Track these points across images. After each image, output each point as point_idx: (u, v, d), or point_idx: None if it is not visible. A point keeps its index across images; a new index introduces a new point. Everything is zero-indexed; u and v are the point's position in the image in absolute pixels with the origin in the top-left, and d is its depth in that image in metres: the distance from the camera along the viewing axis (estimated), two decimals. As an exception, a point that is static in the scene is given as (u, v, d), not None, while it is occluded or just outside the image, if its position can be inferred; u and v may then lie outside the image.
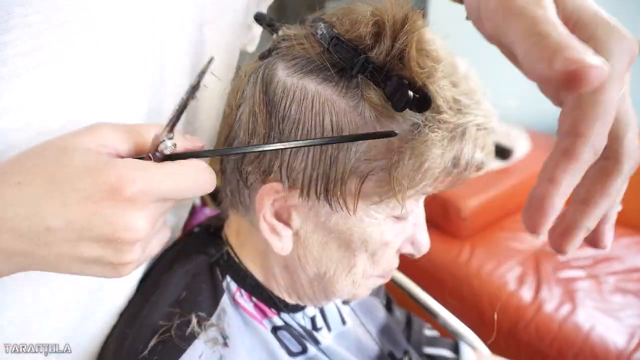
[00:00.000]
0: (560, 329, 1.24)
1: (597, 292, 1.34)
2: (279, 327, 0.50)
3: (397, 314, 0.80)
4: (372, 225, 0.42)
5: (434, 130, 0.36)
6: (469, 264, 1.46)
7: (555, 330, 1.24)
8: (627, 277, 1.41)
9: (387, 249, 0.45)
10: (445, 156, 0.37)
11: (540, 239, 1.59)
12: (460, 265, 1.47)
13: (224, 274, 0.49)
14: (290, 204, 0.42)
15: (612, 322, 1.24)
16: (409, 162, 0.37)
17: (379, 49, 0.36)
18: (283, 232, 0.42)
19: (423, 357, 0.76)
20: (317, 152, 0.38)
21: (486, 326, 1.35)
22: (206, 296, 0.47)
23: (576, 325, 1.23)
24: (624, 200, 0.45)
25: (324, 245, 0.43)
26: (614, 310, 1.28)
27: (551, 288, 1.35)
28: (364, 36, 0.36)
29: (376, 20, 0.36)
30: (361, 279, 0.46)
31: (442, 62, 0.37)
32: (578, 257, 1.50)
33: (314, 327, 0.55)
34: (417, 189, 0.38)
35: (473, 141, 0.38)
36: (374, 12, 0.36)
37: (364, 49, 0.36)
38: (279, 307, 0.50)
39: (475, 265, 1.45)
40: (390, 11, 0.36)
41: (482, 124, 0.38)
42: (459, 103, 0.37)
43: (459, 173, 0.39)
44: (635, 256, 1.49)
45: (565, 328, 1.23)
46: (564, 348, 1.21)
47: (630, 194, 1.51)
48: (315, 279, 0.47)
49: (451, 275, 1.47)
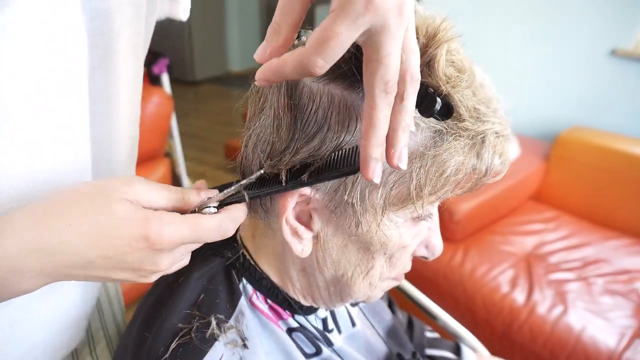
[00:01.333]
0: (553, 330, 1.26)
1: (587, 293, 1.37)
2: (294, 328, 0.51)
3: (399, 315, 0.81)
4: (392, 229, 0.42)
5: (457, 138, 0.37)
6: (462, 267, 1.48)
7: (548, 331, 1.26)
8: (615, 278, 1.45)
9: (405, 251, 0.45)
10: (466, 163, 0.39)
11: (532, 242, 1.62)
12: (454, 269, 1.49)
13: (240, 277, 0.49)
14: (311, 207, 0.42)
15: (602, 323, 1.27)
16: (431, 170, 0.38)
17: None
18: (304, 235, 0.42)
19: (425, 358, 0.77)
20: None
21: (480, 328, 1.37)
22: (224, 299, 0.47)
23: (568, 326, 1.26)
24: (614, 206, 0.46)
25: (343, 247, 0.44)
26: (604, 311, 1.31)
27: (543, 290, 1.38)
28: None
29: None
30: (378, 281, 0.47)
31: (467, 72, 0.38)
32: (568, 260, 1.53)
33: (325, 329, 0.55)
34: (438, 195, 0.40)
35: (492, 148, 0.40)
36: None
37: None
38: (293, 309, 0.51)
39: (468, 268, 1.47)
40: (423, 21, 0.37)
41: (499, 132, 0.40)
42: (478, 111, 0.39)
43: (478, 179, 0.40)
44: (623, 258, 1.53)
45: (558, 329, 1.26)
46: (557, 349, 1.24)
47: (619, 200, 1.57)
48: (332, 281, 0.47)
49: (445, 278, 1.49)
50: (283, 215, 0.41)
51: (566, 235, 1.65)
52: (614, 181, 1.74)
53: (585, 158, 1.81)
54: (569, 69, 2.11)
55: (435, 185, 0.39)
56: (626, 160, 1.71)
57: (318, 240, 0.44)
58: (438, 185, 0.39)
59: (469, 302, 1.41)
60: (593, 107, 2.07)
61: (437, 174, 0.38)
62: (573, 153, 1.84)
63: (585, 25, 2.02)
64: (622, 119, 2.00)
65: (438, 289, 1.47)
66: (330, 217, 0.42)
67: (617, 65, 1.98)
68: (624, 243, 1.61)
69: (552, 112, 2.15)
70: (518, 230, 1.68)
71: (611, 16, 1.96)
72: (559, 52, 2.11)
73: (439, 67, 0.36)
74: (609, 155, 1.75)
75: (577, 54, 2.07)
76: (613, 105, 2.03)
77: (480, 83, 0.41)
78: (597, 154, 1.78)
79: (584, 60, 2.06)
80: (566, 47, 2.09)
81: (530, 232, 1.67)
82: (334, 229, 0.43)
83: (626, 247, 1.60)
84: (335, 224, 0.43)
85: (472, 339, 0.84)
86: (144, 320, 0.47)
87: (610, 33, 1.97)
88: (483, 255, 1.52)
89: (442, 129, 0.38)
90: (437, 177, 0.38)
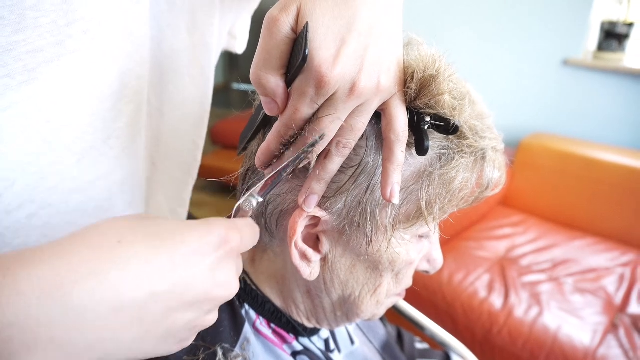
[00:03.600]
0: (531, 331, 1.30)
1: (559, 293, 1.43)
2: (299, 352, 0.50)
3: (389, 328, 0.81)
4: (400, 246, 0.43)
5: (462, 155, 0.39)
6: (441, 274, 1.51)
7: (527, 333, 1.30)
8: (584, 277, 1.51)
9: (411, 267, 0.46)
10: (471, 179, 0.40)
11: (503, 246, 1.66)
12: (433, 276, 1.51)
13: (242, 302, 0.48)
14: (319, 230, 0.42)
15: (576, 321, 1.32)
16: (439, 187, 0.39)
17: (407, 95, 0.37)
18: (313, 258, 0.42)
19: None
20: (354, 183, 0.39)
21: (461, 334, 1.39)
22: (227, 326, 0.46)
23: (545, 327, 1.30)
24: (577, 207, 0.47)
25: (351, 268, 0.44)
26: (577, 310, 1.36)
27: (518, 293, 1.42)
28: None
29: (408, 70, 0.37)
30: (385, 298, 0.47)
31: (466, 96, 0.39)
32: (538, 262, 1.59)
33: (327, 349, 0.55)
34: (445, 210, 0.41)
35: (492, 162, 0.41)
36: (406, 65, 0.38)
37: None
38: (297, 331, 0.50)
39: (446, 275, 1.50)
40: (422, 62, 0.37)
41: (496, 146, 0.42)
42: (476, 127, 0.40)
43: (480, 192, 0.42)
44: (589, 257, 1.61)
45: (535, 330, 1.30)
46: (536, 350, 1.27)
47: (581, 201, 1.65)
48: (338, 302, 0.47)
49: (424, 287, 1.50)
50: (292, 239, 0.40)
51: (535, 238, 1.72)
52: (575, 183, 1.83)
53: (547, 162, 1.89)
54: (526, 78, 2.21)
55: (443, 201, 0.40)
56: (584, 163, 1.80)
57: (326, 262, 0.44)
58: (446, 201, 0.40)
59: (449, 309, 1.43)
60: (551, 114, 2.18)
61: (445, 191, 0.39)
62: (535, 158, 1.92)
63: (538, 36, 2.13)
64: (578, 125, 2.11)
65: (418, 298, 1.49)
66: (340, 238, 0.42)
67: (569, 74, 2.10)
68: (588, 242, 1.69)
69: (512, 119, 2.24)
70: (490, 235, 1.73)
71: (562, 28, 2.07)
72: (515, 63, 2.22)
73: (444, 104, 0.37)
74: (568, 158, 1.84)
75: (533, 64, 2.18)
76: (568, 112, 2.14)
77: (473, 100, 0.42)
78: (558, 158, 1.87)
79: (539, 69, 2.17)
80: (522, 57, 2.20)
81: (501, 237, 1.73)
82: (343, 249, 0.43)
83: (590, 246, 1.67)
84: (344, 245, 0.43)
85: (461, 347, 0.86)
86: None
87: (561, 44, 2.09)
88: (459, 262, 1.55)
89: (448, 148, 0.39)
90: (445, 193, 0.40)
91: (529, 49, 2.16)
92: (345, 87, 0.32)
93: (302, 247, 0.41)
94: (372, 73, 0.33)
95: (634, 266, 1.56)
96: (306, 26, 0.31)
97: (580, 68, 2.07)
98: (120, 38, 0.42)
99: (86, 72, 0.40)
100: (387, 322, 0.82)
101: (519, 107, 2.25)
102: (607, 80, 2.01)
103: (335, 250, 0.43)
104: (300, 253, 0.42)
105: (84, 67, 0.39)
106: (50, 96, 0.38)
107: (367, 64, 0.32)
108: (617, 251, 1.64)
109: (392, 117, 0.35)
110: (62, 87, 0.39)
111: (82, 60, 0.39)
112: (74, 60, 0.38)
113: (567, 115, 2.14)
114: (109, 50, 0.41)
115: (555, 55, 2.11)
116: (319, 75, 0.31)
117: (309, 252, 0.42)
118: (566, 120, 2.14)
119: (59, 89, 0.39)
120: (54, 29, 0.36)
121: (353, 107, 0.34)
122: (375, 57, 0.33)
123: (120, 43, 0.42)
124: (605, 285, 1.47)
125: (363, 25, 0.32)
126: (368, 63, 0.32)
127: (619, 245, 1.68)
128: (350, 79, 0.32)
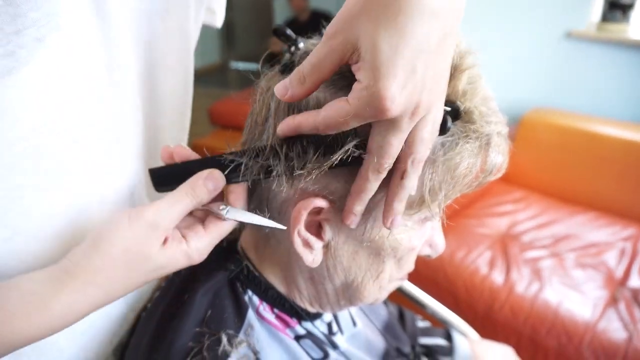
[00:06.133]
0: (532, 307, 1.31)
1: (560, 268, 1.43)
2: (302, 335, 0.50)
3: (390, 307, 0.82)
4: (402, 232, 0.43)
5: (468, 141, 0.38)
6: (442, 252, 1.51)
7: (528, 308, 1.31)
8: (585, 252, 1.52)
9: (413, 253, 0.46)
10: (476, 164, 0.40)
11: (505, 223, 1.67)
12: (434, 254, 1.52)
13: (245, 289, 0.49)
14: (322, 217, 0.42)
15: (577, 296, 1.33)
16: (443, 174, 0.39)
17: None
18: (315, 245, 0.42)
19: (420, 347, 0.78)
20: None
21: (463, 311, 1.40)
22: (231, 313, 0.46)
23: (546, 302, 1.32)
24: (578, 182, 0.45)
25: (354, 254, 0.44)
26: (577, 285, 1.37)
27: (520, 269, 1.43)
28: None
29: None
30: (387, 283, 0.47)
31: (477, 81, 0.39)
32: (540, 238, 1.59)
33: (330, 332, 0.55)
34: (449, 196, 0.40)
35: (497, 147, 0.41)
36: None
37: None
38: (300, 316, 0.50)
39: (448, 253, 1.51)
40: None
41: (501, 131, 0.41)
42: (482, 112, 0.39)
43: (484, 177, 0.41)
44: (591, 232, 1.61)
45: (537, 306, 1.31)
46: (537, 325, 1.29)
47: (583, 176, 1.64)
48: (341, 288, 0.47)
49: (426, 265, 1.51)
50: (295, 227, 0.40)
51: (536, 214, 1.72)
52: (577, 158, 1.82)
53: (549, 138, 1.88)
54: (528, 51, 2.17)
55: (448, 187, 0.39)
56: (586, 137, 1.79)
57: (328, 249, 0.44)
58: (450, 187, 0.39)
59: (450, 287, 1.45)
60: (553, 88, 2.15)
61: (449, 177, 0.39)
62: (537, 133, 1.90)
63: (541, 8, 2.08)
64: (580, 99, 2.09)
65: (420, 276, 1.49)
66: (342, 225, 0.41)
67: (573, 47, 2.06)
68: (590, 217, 1.69)
69: (514, 94, 2.22)
70: (491, 212, 1.74)
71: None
72: (517, 36, 2.18)
73: (459, 89, 0.37)
74: (571, 134, 1.83)
75: (535, 37, 2.14)
76: (571, 86, 2.11)
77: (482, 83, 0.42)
78: (560, 134, 1.85)
79: (541, 42, 2.13)
80: (524, 30, 2.15)
81: (503, 213, 1.73)
82: (345, 237, 0.43)
83: (592, 221, 1.68)
84: (347, 232, 0.42)
85: (462, 324, 0.87)
86: (151, 342, 0.45)
87: (564, 16, 2.04)
88: (461, 239, 1.56)
89: (452, 134, 0.38)
90: (449, 179, 0.39)
91: (531, 21, 2.12)
92: (408, 110, 0.31)
93: (304, 235, 0.41)
94: (431, 88, 0.31)
95: (635, 240, 1.57)
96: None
97: (584, 40, 2.03)
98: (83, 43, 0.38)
99: (47, 85, 0.36)
100: (389, 302, 0.82)
101: (521, 81, 2.21)
102: (611, 52, 1.98)
103: (337, 238, 0.43)
104: (303, 241, 0.41)
105: (43, 81, 0.36)
106: (7, 116, 0.35)
107: (429, 82, 0.31)
108: (618, 225, 1.64)
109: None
110: (20, 104, 0.35)
111: (39, 72, 0.35)
112: (30, 73, 0.35)
113: (569, 89, 2.11)
114: (69, 59, 0.37)
115: (559, 28, 2.07)
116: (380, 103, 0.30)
117: (311, 239, 0.42)
118: (569, 94, 2.12)
119: (16, 107, 0.35)
120: (1, 37, 0.32)
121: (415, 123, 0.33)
122: (433, 73, 0.31)
123: (85, 50, 0.39)
124: (606, 259, 1.48)
125: (420, 43, 0.30)
126: (429, 80, 0.31)
127: (620, 220, 1.68)
128: (415, 102, 0.31)
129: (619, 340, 1.20)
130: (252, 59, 5.82)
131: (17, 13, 0.32)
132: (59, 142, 0.38)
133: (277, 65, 0.45)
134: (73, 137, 0.39)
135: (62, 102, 0.38)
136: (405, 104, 0.30)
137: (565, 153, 1.84)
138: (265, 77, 0.44)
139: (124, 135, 0.45)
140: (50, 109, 0.37)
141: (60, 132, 0.38)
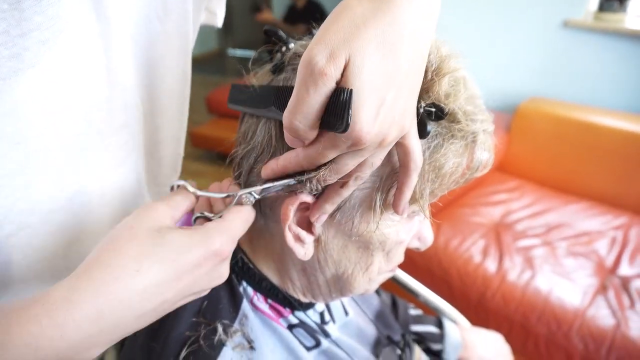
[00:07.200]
0: (524, 294, 1.34)
1: (552, 257, 1.46)
2: (294, 325, 0.52)
3: (383, 296, 0.84)
4: (390, 227, 0.45)
5: (453, 142, 0.40)
6: (436, 240, 1.54)
7: (519, 296, 1.34)
8: (577, 241, 1.54)
9: (401, 246, 0.48)
10: (462, 163, 0.41)
11: (499, 212, 1.69)
12: (429, 243, 1.55)
13: (240, 280, 0.51)
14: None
15: (567, 284, 1.36)
16: (428, 174, 0.40)
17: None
18: (307, 240, 0.44)
19: (411, 335, 0.81)
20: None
21: (456, 299, 1.44)
22: (226, 303, 0.48)
23: (537, 289, 1.34)
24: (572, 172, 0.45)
25: (343, 248, 0.46)
26: (568, 273, 1.40)
27: (512, 257, 1.46)
28: None
29: None
30: (376, 275, 0.49)
31: (461, 81, 0.40)
32: (533, 226, 1.62)
33: (323, 321, 0.58)
34: (435, 194, 0.42)
35: (482, 145, 0.42)
36: None
37: None
38: (293, 306, 0.52)
39: (442, 242, 1.53)
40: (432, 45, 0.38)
41: (487, 129, 0.42)
42: (467, 111, 0.41)
43: (471, 174, 0.43)
44: (583, 221, 1.63)
45: (528, 293, 1.34)
46: (528, 312, 1.32)
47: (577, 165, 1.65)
48: (332, 279, 0.49)
49: (420, 254, 1.54)
50: (286, 223, 0.42)
51: (530, 203, 1.74)
52: (572, 148, 1.83)
53: (544, 127, 1.89)
54: (524, 41, 2.17)
55: (434, 186, 0.41)
56: (582, 127, 1.80)
57: (319, 243, 0.45)
58: (436, 185, 0.41)
59: (444, 275, 1.47)
60: (549, 78, 2.16)
61: (434, 176, 0.40)
62: (532, 123, 1.92)
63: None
64: (576, 89, 2.10)
65: (414, 265, 1.53)
66: (331, 221, 0.43)
67: (570, 36, 2.06)
68: (583, 207, 1.72)
69: (510, 84, 2.22)
70: (485, 201, 1.76)
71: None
72: (514, 25, 2.17)
73: (440, 91, 0.38)
74: (566, 123, 1.84)
75: (531, 26, 2.13)
76: (567, 76, 2.12)
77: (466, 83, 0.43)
78: (555, 123, 1.86)
79: (538, 32, 2.13)
80: (520, 19, 2.15)
81: (497, 203, 1.75)
82: (335, 231, 0.45)
83: (585, 210, 1.70)
84: (336, 227, 0.44)
85: (453, 311, 0.89)
86: (149, 331, 0.47)
87: (561, 5, 2.04)
88: (455, 228, 1.58)
89: (437, 135, 0.40)
90: (434, 178, 0.40)
91: (528, 10, 2.12)
92: (377, 142, 0.33)
93: (295, 230, 0.43)
94: (399, 122, 0.33)
95: (626, 229, 1.59)
96: (350, 93, 0.30)
97: (581, 30, 2.03)
98: (84, 45, 0.40)
99: (51, 86, 0.38)
100: (382, 291, 0.85)
101: (517, 71, 2.22)
102: (608, 42, 1.98)
103: (327, 232, 0.45)
104: (294, 235, 0.43)
105: (48, 82, 0.37)
106: (13, 116, 0.36)
107: (397, 116, 0.33)
108: (610, 214, 1.67)
109: (411, 148, 0.36)
110: (25, 105, 0.36)
111: (44, 74, 0.37)
112: (35, 75, 0.36)
113: (566, 79, 2.12)
114: (72, 60, 0.39)
115: (555, 17, 2.06)
116: (357, 138, 0.32)
117: (302, 234, 0.43)
118: (565, 84, 2.12)
119: (22, 108, 0.36)
120: (7, 40, 0.33)
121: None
122: (403, 107, 0.33)
123: (86, 52, 0.40)
124: (597, 248, 1.51)
125: (401, 77, 0.32)
126: (398, 115, 0.33)
127: (612, 209, 1.70)
128: (383, 135, 0.33)
129: (607, 327, 1.23)
130: (250, 46, 5.78)
131: (23, 17, 0.33)
132: (62, 140, 0.40)
133: (269, 64, 0.46)
134: (75, 136, 0.41)
135: (65, 102, 0.39)
136: (377, 134, 0.32)
137: (560, 143, 1.86)
138: (256, 75, 0.46)
139: (124, 133, 0.47)
140: (54, 109, 0.39)
141: (63, 131, 0.40)
